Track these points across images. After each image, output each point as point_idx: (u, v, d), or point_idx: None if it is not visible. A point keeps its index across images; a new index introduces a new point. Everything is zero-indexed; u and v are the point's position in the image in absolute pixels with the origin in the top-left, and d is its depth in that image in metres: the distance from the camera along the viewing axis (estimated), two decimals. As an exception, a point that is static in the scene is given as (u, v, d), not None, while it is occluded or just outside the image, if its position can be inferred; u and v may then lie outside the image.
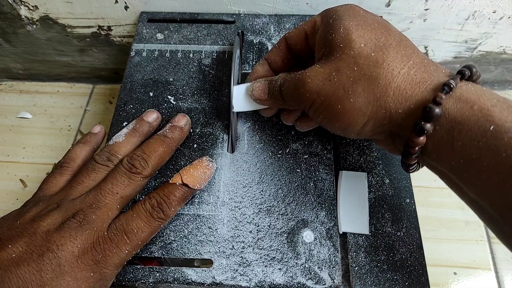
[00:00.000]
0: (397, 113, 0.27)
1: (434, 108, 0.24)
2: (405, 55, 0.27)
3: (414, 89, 0.26)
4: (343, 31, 0.29)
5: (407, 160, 0.28)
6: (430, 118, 0.25)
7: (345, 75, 0.28)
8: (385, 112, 0.27)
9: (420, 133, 0.25)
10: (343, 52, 0.28)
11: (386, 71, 0.27)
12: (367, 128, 0.29)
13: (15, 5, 0.49)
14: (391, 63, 0.27)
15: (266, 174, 0.36)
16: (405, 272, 0.32)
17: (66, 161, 0.36)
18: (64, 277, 0.27)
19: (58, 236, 0.28)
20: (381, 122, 0.28)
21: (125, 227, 0.30)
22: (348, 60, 0.28)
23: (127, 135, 0.36)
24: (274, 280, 0.32)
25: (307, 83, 0.29)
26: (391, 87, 0.26)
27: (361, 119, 0.28)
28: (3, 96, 0.61)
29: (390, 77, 0.27)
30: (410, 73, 0.27)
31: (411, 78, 0.26)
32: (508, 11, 0.46)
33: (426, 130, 0.25)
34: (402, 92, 0.26)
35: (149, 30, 0.46)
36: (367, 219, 0.34)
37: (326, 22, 0.31)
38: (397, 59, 0.27)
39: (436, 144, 0.25)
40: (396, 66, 0.27)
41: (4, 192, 0.53)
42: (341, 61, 0.28)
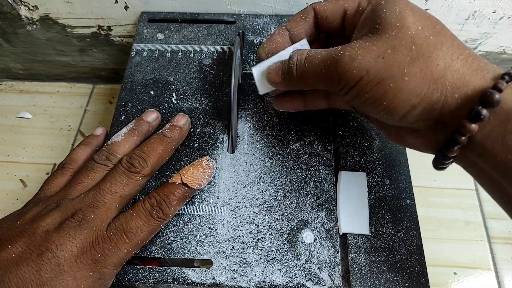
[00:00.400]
0: (453, 98, 0.25)
1: (494, 94, 0.23)
2: (461, 45, 0.27)
3: (473, 75, 0.25)
4: (399, 12, 0.27)
5: (448, 151, 0.26)
6: (489, 103, 0.23)
7: (401, 54, 0.26)
8: (440, 96, 0.26)
9: (476, 119, 0.24)
10: (399, 31, 0.27)
11: (445, 54, 0.26)
12: (415, 111, 0.27)
13: (15, 5, 0.49)
14: (450, 48, 0.26)
15: (266, 175, 0.36)
16: (405, 273, 0.32)
17: (67, 162, 0.36)
18: (63, 276, 0.27)
19: (57, 235, 0.28)
20: (433, 106, 0.26)
21: (124, 226, 0.30)
22: (405, 39, 0.26)
23: (126, 134, 0.36)
24: (274, 281, 0.32)
25: (357, 59, 0.27)
26: (450, 70, 0.26)
27: (413, 100, 0.26)
28: (3, 96, 0.61)
29: (449, 61, 0.26)
30: (468, 60, 0.26)
31: (470, 65, 0.26)
32: (508, 11, 0.46)
33: (482, 115, 0.24)
34: (461, 76, 0.25)
35: (149, 30, 0.46)
36: (367, 219, 0.34)
37: (377, 3, 0.29)
38: (454, 47, 0.26)
39: (486, 135, 0.24)
40: (455, 52, 0.26)
41: (4, 192, 0.53)
42: (397, 40, 0.26)
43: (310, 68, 0.30)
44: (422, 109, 0.27)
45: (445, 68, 0.26)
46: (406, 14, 0.27)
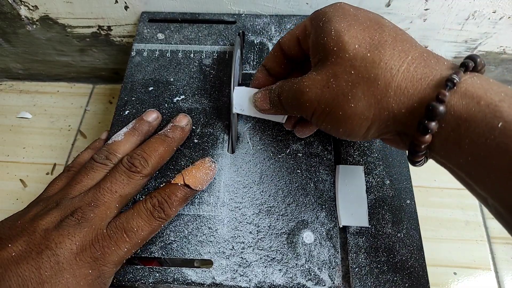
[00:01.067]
0: (400, 113, 0.26)
1: (437, 106, 0.23)
2: (402, 51, 0.26)
3: (416, 86, 0.25)
4: (334, 34, 0.28)
5: (414, 157, 0.27)
6: (434, 116, 0.24)
7: (343, 80, 0.27)
8: (388, 114, 0.26)
9: (425, 132, 0.24)
10: (337, 56, 0.27)
11: (384, 70, 0.26)
12: (371, 130, 0.28)
13: (15, 5, 0.49)
14: (388, 62, 0.26)
15: (267, 175, 0.36)
16: (405, 274, 0.32)
17: (73, 166, 0.36)
18: (63, 274, 0.27)
19: (57, 234, 0.28)
20: (385, 123, 0.27)
21: (125, 225, 0.30)
22: (344, 64, 0.27)
23: (126, 134, 0.36)
24: (274, 281, 0.32)
25: (306, 92, 0.29)
26: (391, 87, 0.25)
27: (364, 123, 0.27)
28: (3, 96, 0.61)
29: (389, 77, 0.25)
30: (410, 69, 0.25)
31: (412, 75, 0.25)
32: (508, 11, 0.46)
33: (430, 129, 0.24)
34: (403, 91, 0.25)
35: (150, 30, 0.46)
36: (366, 211, 0.35)
37: (316, 26, 0.30)
38: (395, 56, 0.26)
39: (443, 142, 0.25)
40: (395, 64, 0.26)
41: (4, 192, 0.53)
42: (337, 66, 0.27)
43: (284, 98, 0.32)
44: (377, 127, 0.27)
45: (386, 85, 0.26)
46: (342, 34, 0.27)
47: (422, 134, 0.25)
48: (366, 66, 0.26)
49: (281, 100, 0.32)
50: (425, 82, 0.25)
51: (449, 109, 0.24)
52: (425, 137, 0.25)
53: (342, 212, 0.34)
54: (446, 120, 0.24)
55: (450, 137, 0.24)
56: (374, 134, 0.28)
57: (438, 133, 0.25)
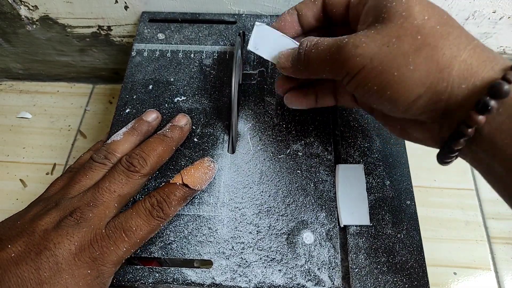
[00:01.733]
0: (460, 88, 0.25)
1: (503, 84, 0.23)
2: (469, 36, 0.26)
3: (481, 66, 0.24)
4: (405, 2, 0.27)
5: (455, 144, 0.26)
6: (498, 94, 0.23)
7: (407, 43, 0.26)
8: (447, 86, 0.25)
9: (483, 110, 0.23)
10: (405, 20, 0.26)
11: (452, 44, 0.25)
12: (420, 101, 0.26)
13: (15, 5, 0.49)
14: (457, 38, 0.25)
15: (267, 175, 0.36)
16: (405, 274, 0.32)
17: (75, 167, 0.36)
18: (62, 274, 0.27)
19: (55, 234, 0.28)
20: (439, 96, 0.25)
21: (123, 224, 0.30)
22: (411, 28, 0.26)
23: (125, 134, 0.36)
24: (274, 281, 0.32)
25: (361, 47, 0.27)
26: (457, 60, 0.25)
27: (417, 89, 0.26)
28: (3, 96, 0.61)
29: (455, 50, 0.25)
30: (476, 50, 0.25)
31: (478, 56, 0.25)
32: (508, 11, 0.46)
33: (490, 106, 0.23)
34: (468, 67, 0.25)
35: (150, 30, 0.46)
36: (367, 210, 0.35)
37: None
38: (462, 37, 0.26)
39: (494, 128, 0.24)
40: (463, 42, 0.25)
41: (4, 192, 0.53)
42: (402, 29, 0.26)
43: (316, 55, 0.30)
44: (427, 99, 0.26)
45: (452, 58, 0.25)
46: (412, 3, 0.27)
47: (479, 113, 0.24)
48: (434, 35, 0.25)
49: (311, 55, 0.30)
50: (490, 65, 0.25)
51: None
52: (480, 117, 0.24)
53: (342, 212, 0.34)
54: (505, 104, 0.23)
55: (504, 124, 0.23)
56: (419, 107, 0.26)
57: (493, 118, 0.24)
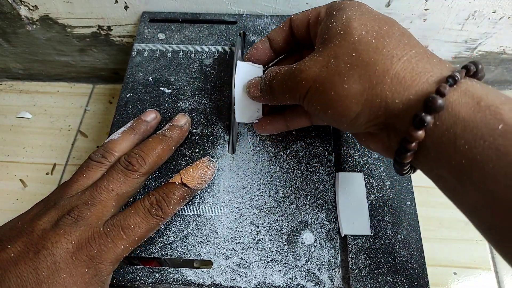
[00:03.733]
0: (394, 103, 0.25)
1: (437, 99, 0.22)
2: (407, 44, 0.26)
3: (415, 78, 0.24)
4: (345, 20, 0.28)
5: (401, 158, 0.26)
6: (432, 109, 0.23)
7: (342, 61, 0.26)
8: (381, 102, 0.25)
9: (420, 126, 0.23)
10: (342, 38, 0.27)
11: (385, 57, 0.25)
12: (361, 118, 0.27)
13: (15, 5, 0.49)
14: (391, 50, 0.25)
15: (267, 175, 0.36)
16: (405, 275, 0.32)
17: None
18: (60, 274, 0.27)
19: (53, 233, 0.28)
20: (376, 112, 0.26)
21: (122, 222, 0.30)
22: (347, 46, 0.26)
23: (123, 133, 0.36)
24: (274, 282, 0.32)
25: (305, 71, 0.28)
26: (388, 74, 0.25)
27: (354, 108, 0.26)
28: (3, 96, 0.61)
29: (389, 64, 0.25)
30: (411, 61, 0.25)
31: (412, 67, 0.25)
32: (508, 11, 0.46)
33: (426, 122, 0.23)
34: (400, 80, 0.24)
35: (150, 30, 0.46)
36: (368, 219, 0.34)
37: (330, 13, 0.30)
38: (399, 47, 0.25)
39: (436, 141, 0.24)
40: (397, 54, 0.25)
41: (4, 192, 0.53)
42: (340, 48, 0.27)
43: (276, 84, 0.32)
44: (366, 115, 0.26)
45: (384, 72, 0.25)
46: (351, 20, 0.27)
47: (416, 128, 0.24)
48: (368, 51, 0.26)
49: (272, 85, 0.32)
50: (425, 76, 0.24)
51: (447, 105, 0.23)
52: (419, 132, 0.24)
53: (343, 221, 0.34)
54: (442, 118, 0.23)
55: (445, 137, 0.23)
56: (362, 123, 0.27)
57: (432, 131, 0.23)
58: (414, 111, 0.24)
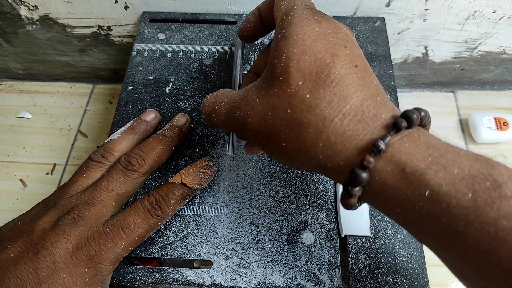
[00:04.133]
0: (327, 167, 0.24)
1: (360, 174, 0.22)
2: (342, 98, 0.24)
3: (344, 144, 0.23)
4: (284, 60, 0.25)
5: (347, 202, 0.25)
6: (357, 183, 0.22)
7: (278, 117, 0.25)
8: (316, 163, 0.25)
9: (349, 196, 0.23)
10: (280, 87, 0.25)
11: (318, 118, 0.24)
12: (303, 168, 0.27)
13: (15, 5, 0.49)
14: (324, 109, 0.24)
15: (267, 175, 0.36)
16: (405, 275, 0.32)
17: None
18: (59, 274, 0.27)
19: (53, 233, 0.28)
20: (315, 168, 0.25)
21: (121, 222, 0.30)
22: (283, 99, 0.25)
23: (123, 133, 0.36)
24: (274, 282, 0.32)
25: (247, 123, 0.27)
26: (321, 138, 0.24)
27: (294, 164, 0.26)
28: (3, 96, 0.61)
29: (321, 126, 0.24)
30: (343, 123, 0.23)
31: (343, 130, 0.23)
32: (508, 11, 0.46)
33: (353, 194, 0.23)
34: (332, 145, 0.24)
35: (150, 30, 0.46)
36: (368, 220, 0.34)
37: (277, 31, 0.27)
38: (333, 104, 0.24)
39: (371, 201, 0.24)
40: (330, 113, 0.24)
41: (4, 192, 0.53)
42: (277, 99, 0.25)
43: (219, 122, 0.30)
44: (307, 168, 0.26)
45: (316, 135, 0.24)
46: (290, 63, 0.25)
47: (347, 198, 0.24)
48: (302, 109, 0.24)
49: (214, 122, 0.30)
50: (354, 141, 0.23)
51: (373, 174, 0.22)
52: (350, 199, 0.24)
53: (343, 222, 0.34)
54: (371, 185, 0.23)
55: (378, 200, 0.23)
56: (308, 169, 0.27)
57: (364, 194, 0.23)
58: (343, 178, 0.24)
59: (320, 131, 0.24)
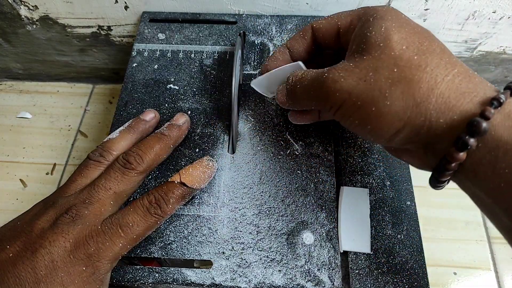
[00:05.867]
0: (438, 123, 0.24)
1: (481, 122, 0.22)
2: (449, 62, 0.25)
3: (459, 99, 0.24)
4: (384, 31, 0.26)
5: (440, 176, 0.25)
6: (476, 132, 0.22)
7: (383, 76, 0.25)
8: (424, 120, 0.25)
9: (462, 148, 0.23)
10: (382, 52, 0.26)
11: (430, 76, 0.24)
12: (401, 134, 0.26)
13: (15, 5, 0.49)
14: (434, 69, 0.25)
15: (267, 175, 0.36)
16: (405, 275, 0.32)
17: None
18: (58, 272, 0.27)
19: (51, 232, 0.28)
20: (418, 130, 0.25)
21: (120, 220, 0.30)
22: (387, 60, 0.25)
23: (121, 132, 0.36)
24: (274, 282, 0.32)
25: (339, 81, 0.27)
26: (434, 93, 0.24)
27: (396, 124, 0.26)
28: (3, 96, 0.61)
29: (433, 83, 0.24)
30: (455, 81, 0.24)
31: (456, 87, 0.24)
32: (508, 11, 0.46)
33: (469, 145, 0.23)
34: (445, 100, 0.24)
35: (150, 30, 0.46)
36: (369, 237, 0.34)
37: (366, 20, 0.29)
38: (441, 66, 0.25)
39: (476, 163, 0.23)
40: (440, 73, 0.24)
41: (4, 192, 0.53)
42: (379, 61, 0.26)
43: (301, 90, 0.30)
44: (407, 133, 0.26)
45: (429, 91, 0.24)
46: (391, 32, 0.26)
47: (458, 150, 0.23)
48: (411, 67, 0.25)
49: (296, 90, 0.31)
50: (469, 97, 0.24)
51: (491, 128, 0.22)
52: (460, 154, 0.23)
53: (343, 237, 0.34)
54: (485, 140, 0.23)
55: (486, 159, 0.23)
56: (401, 139, 0.27)
57: (474, 153, 0.23)
58: (457, 133, 0.24)
59: (432, 87, 0.24)
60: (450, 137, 0.24)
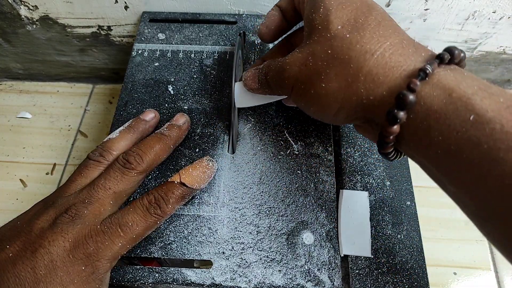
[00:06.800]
0: (369, 100, 0.25)
1: (408, 95, 0.23)
2: (382, 36, 0.25)
3: (387, 74, 0.24)
4: (322, 11, 0.27)
5: (382, 149, 0.26)
6: (403, 105, 0.23)
7: (319, 59, 0.27)
8: (357, 99, 0.26)
9: (393, 122, 0.24)
10: (320, 34, 0.27)
11: (359, 53, 0.25)
12: (341, 114, 0.27)
13: (15, 5, 0.49)
14: (364, 45, 0.25)
15: (267, 175, 0.36)
16: (405, 275, 0.32)
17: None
18: (57, 272, 0.27)
19: (51, 232, 0.28)
20: (354, 108, 0.26)
21: (120, 220, 0.30)
22: (324, 43, 0.26)
23: (121, 132, 0.36)
24: (274, 282, 0.32)
25: (287, 70, 0.29)
26: (362, 71, 0.25)
27: (333, 105, 0.27)
28: (3, 96, 0.61)
29: (362, 61, 0.25)
30: (384, 55, 0.25)
31: (385, 62, 0.25)
32: (508, 11, 0.46)
33: (399, 118, 0.23)
34: (374, 77, 0.25)
35: (150, 30, 0.46)
36: (369, 241, 0.34)
37: None
38: (373, 40, 0.25)
39: (411, 133, 0.24)
40: (370, 48, 0.25)
41: (4, 192, 0.53)
42: (317, 45, 0.27)
43: (271, 79, 0.32)
44: (346, 111, 0.27)
45: (358, 69, 0.25)
46: (329, 12, 0.27)
47: (391, 124, 0.24)
48: (342, 47, 0.26)
49: (267, 79, 0.32)
50: (397, 71, 0.24)
51: (419, 99, 0.23)
52: (393, 127, 0.24)
53: (344, 241, 0.33)
54: (415, 111, 0.23)
55: (419, 129, 0.23)
56: (343, 118, 0.28)
57: (407, 124, 0.24)
58: (387, 107, 0.24)
59: (361, 65, 0.25)
60: (382, 112, 0.25)
